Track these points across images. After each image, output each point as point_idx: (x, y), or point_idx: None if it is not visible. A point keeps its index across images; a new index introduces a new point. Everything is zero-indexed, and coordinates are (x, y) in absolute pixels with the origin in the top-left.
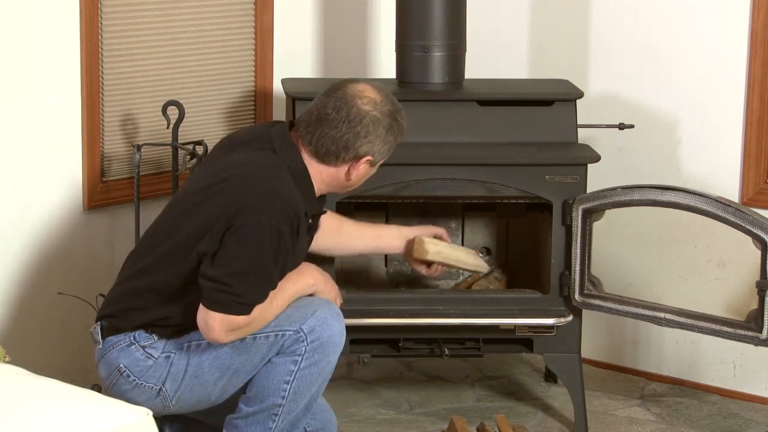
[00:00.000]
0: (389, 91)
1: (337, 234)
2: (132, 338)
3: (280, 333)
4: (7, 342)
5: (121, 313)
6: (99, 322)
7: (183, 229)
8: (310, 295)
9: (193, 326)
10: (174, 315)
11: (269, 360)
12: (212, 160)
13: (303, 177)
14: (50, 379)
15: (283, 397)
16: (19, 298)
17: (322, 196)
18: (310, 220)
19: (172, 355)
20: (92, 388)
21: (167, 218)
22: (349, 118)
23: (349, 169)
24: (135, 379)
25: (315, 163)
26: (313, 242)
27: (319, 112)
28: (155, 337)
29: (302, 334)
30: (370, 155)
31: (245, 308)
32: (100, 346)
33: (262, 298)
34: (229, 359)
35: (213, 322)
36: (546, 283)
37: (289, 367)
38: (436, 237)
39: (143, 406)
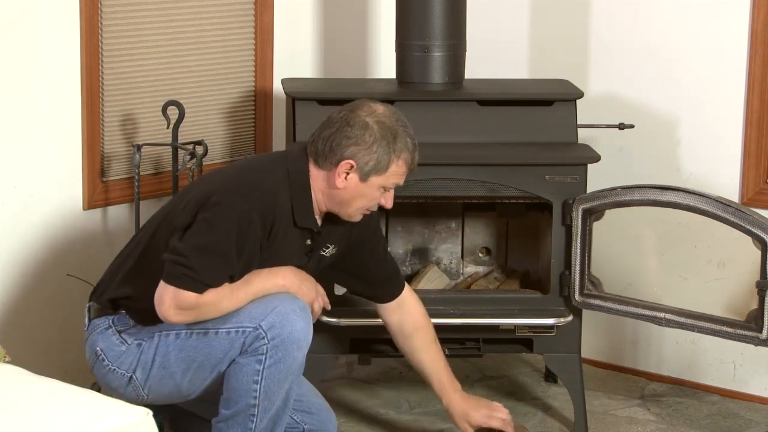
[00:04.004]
0: (403, 117)
1: (408, 337)
2: (111, 321)
3: (240, 329)
4: (7, 342)
5: (102, 285)
6: (89, 305)
7: (172, 207)
8: None
9: (154, 313)
10: (136, 294)
11: (234, 360)
12: None
13: (300, 183)
14: (50, 379)
15: (255, 398)
16: (19, 298)
17: (339, 221)
18: (309, 241)
19: (143, 343)
20: (92, 388)
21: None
22: (344, 119)
23: (335, 175)
24: (109, 364)
25: (314, 168)
26: (385, 317)
27: (327, 117)
28: (131, 323)
29: (261, 331)
30: (352, 160)
31: (196, 285)
32: (86, 328)
33: (214, 279)
34: (194, 352)
35: (165, 295)
36: (546, 283)
37: (254, 367)
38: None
39: (117, 392)
